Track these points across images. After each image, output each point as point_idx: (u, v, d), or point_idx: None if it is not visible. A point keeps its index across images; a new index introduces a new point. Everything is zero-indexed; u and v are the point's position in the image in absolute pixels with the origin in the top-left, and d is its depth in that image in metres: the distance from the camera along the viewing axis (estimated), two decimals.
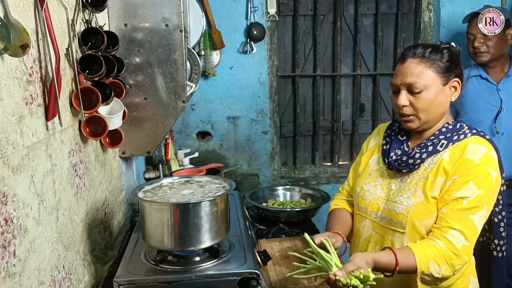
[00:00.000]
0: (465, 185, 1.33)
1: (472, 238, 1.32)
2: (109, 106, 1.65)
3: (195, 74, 2.34)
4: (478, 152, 1.35)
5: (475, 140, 1.38)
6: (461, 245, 1.30)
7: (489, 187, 1.34)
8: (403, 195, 1.42)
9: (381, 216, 1.47)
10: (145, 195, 1.44)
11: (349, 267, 1.24)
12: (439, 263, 1.30)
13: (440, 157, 1.40)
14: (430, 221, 1.38)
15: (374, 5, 3.24)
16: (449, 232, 1.31)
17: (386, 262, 1.29)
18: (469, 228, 1.31)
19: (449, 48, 1.42)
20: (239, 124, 3.15)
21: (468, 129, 1.43)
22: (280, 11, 3.15)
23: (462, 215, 1.32)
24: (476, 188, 1.32)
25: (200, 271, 1.36)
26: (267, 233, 2.16)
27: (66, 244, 1.35)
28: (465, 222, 1.31)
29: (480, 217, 1.34)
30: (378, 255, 1.31)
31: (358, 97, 3.35)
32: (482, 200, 1.33)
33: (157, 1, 1.83)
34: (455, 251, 1.30)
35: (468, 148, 1.36)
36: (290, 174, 3.35)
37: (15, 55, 0.99)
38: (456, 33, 3.15)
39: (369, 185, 1.53)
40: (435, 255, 1.30)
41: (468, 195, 1.32)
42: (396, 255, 1.30)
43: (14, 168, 1.03)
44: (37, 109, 1.17)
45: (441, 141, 1.42)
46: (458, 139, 1.40)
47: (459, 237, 1.30)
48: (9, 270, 0.99)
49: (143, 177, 2.54)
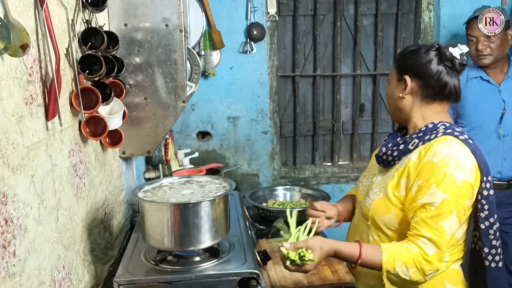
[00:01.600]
0: (428, 190, 1.30)
1: (443, 245, 1.30)
2: (109, 106, 1.65)
3: (195, 74, 2.34)
4: (439, 153, 1.31)
5: (441, 140, 1.35)
6: (432, 252, 1.29)
7: (455, 191, 1.29)
8: (374, 190, 1.48)
9: (361, 207, 1.54)
10: (145, 195, 1.44)
11: (299, 244, 1.33)
12: (407, 264, 1.30)
13: (409, 158, 1.39)
14: (388, 218, 1.41)
15: (374, 5, 3.24)
16: (420, 239, 1.30)
17: (348, 253, 1.35)
18: (440, 235, 1.29)
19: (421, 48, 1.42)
20: (239, 124, 3.15)
21: (444, 129, 1.38)
22: (280, 11, 3.15)
23: (432, 223, 1.30)
24: (441, 193, 1.29)
25: (200, 271, 1.36)
26: (267, 233, 2.16)
27: (66, 244, 1.35)
28: (435, 229, 1.29)
29: (451, 223, 1.30)
30: (341, 245, 1.36)
31: (358, 97, 3.35)
32: (450, 205, 1.29)
33: (157, 1, 1.83)
34: (426, 257, 1.29)
35: (431, 149, 1.34)
36: (290, 174, 3.35)
37: (15, 55, 0.99)
38: (456, 33, 3.15)
39: (364, 177, 1.62)
40: (404, 257, 1.30)
41: (434, 200, 1.29)
42: (361, 248, 1.33)
43: (14, 168, 1.03)
44: (37, 109, 1.17)
45: (413, 140, 1.41)
46: (429, 139, 1.38)
47: (430, 244, 1.29)
48: (9, 270, 0.99)
49: (143, 177, 2.54)
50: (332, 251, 1.34)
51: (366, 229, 1.49)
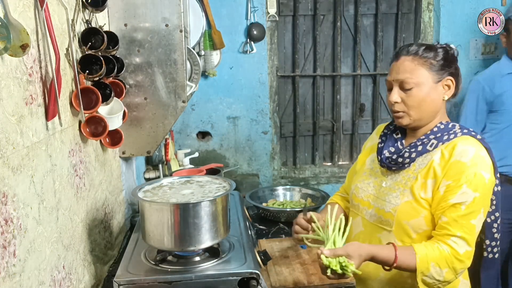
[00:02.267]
0: (459, 189, 1.31)
1: (473, 243, 1.32)
2: (109, 106, 1.65)
3: (195, 74, 2.34)
4: (467, 153, 1.33)
5: (464, 140, 1.36)
6: (463, 251, 1.30)
7: (483, 189, 1.32)
8: (392, 194, 1.43)
9: (371, 213, 1.48)
10: (145, 195, 1.44)
11: (339, 251, 1.28)
12: (440, 265, 1.29)
13: (431, 158, 1.38)
14: (416, 221, 1.38)
15: (374, 5, 3.23)
16: (451, 238, 1.31)
17: (384, 257, 1.31)
18: (471, 233, 1.31)
19: (444, 48, 1.42)
20: (239, 124, 3.15)
21: (459, 129, 1.41)
22: (280, 11, 3.15)
23: (463, 221, 1.31)
24: (472, 191, 1.31)
25: (200, 271, 1.36)
26: (267, 233, 2.16)
27: (66, 244, 1.35)
28: (467, 227, 1.31)
29: (479, 220, 1.33)
30: (377, 248, 1.33)
31: (358, 97, 3.35)
32: (480, 203, 1.32)
33: (157, 1, 1.83)
34: (458, 256, 1.29)
35: (456, 149, 1.35)
36: (290, 174, 3.35)
37: (15, 55, 0.99)
38: (456, 33, 3.16)
39: (363, 182, 1.55)
40: (437, 257, 1.30)
41: (465, 199, 1.30)
42: (396, 251, 1.31)
43: (14, 168, 1.03)
44: (37, 109, 1.17)
45: (431, 141, 1.40)
46: (448, 139, 1.38)
47: (462, 243, 1.30)
48: (9, 270, 0.99)
49: (143, 177, 2.54)
50: (369, 256, 1.31)
51: (387, 235, 1.43)
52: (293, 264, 1.74)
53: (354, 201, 1.56)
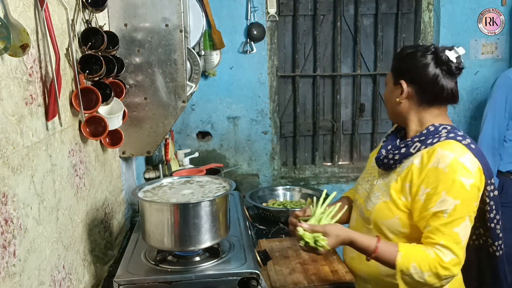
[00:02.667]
0: (438, 197, 1.29)
1: (459, 251, 1.29)
2: (109, 106, 1.64)
3: (195, 74, 2.34)
4: (445, 159, 1.30)
5: (445, 145, 1.33)
6: (448, 259, 1.28)
7: (465, 196, 1.29)
8: (376, 193, 1.46)
9: (361, 210, 1.52)
10: (145, 195, 1.44)
11: (317, 227, 1.36)
12: (422, 267, 1.29)
13: (412, 162, 1.37)
14: (391, 221, 1.40)
15: (374, 5, 3.24)
16: (435, 246, 1.30)
17: (364, 244, 1.34)
18: (455, 242, 1.29)
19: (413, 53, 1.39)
20: (239, 124, 3.15)
21: (446, 132, 1.36)
22: (280, 11, 3.15)
23: (445, 230, 1.29)
24: (452, 199, 1.28)
25: (200, 271, 1.36)
26: (267, 233, 2.16)
27: (66, 244, 1.35)
28: (450, 236, 1.28)
29: (464, 228, 1.30)
30: (358, 235, 1.36)
31: (358, 97, 3.35)
32: (462, 211, 1.29)
33: (157, 1, 1.83)
34: (442, 263, 1.28)
35: (435, 154, 1.32)
36: (290, 174, 3.35)
37: (15, 55, 0.99)
38: (456, 33, 3.16)
39: (363, 180, 1.60)
40: (420, 259, 1.29)
41: (446, 207, 1.28)
42: (378, 242, 1.33)
43: (14, 168, 1.03)
44: (37, 109, 1.17)
45: (415, 144, 1.39)
46: (431, 143, 1.35)
47: (446, 251, 1.28)
48: (9, 270, 0.99)
49: (143, 177, 2.54)
50: (348, 239, 1.35)
51: (367, 232, 1.47)
52: (293, 264, 1.75)
53: (355, 196, 1.62)
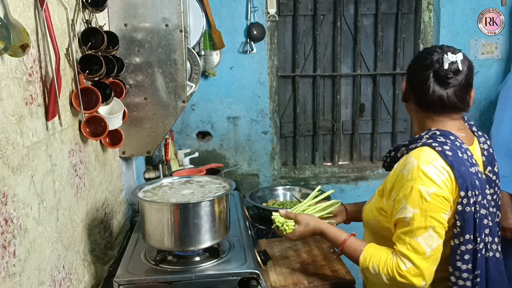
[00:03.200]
0: (400, 205, 1.28)
1: (420, 261, 1.25)
2: (109, 106, 1.64)
3: (195, 74, 2.34)
4: (409, 165, 1.28)
5: (416, 152, 1.30)
6: (406, 267, 1.27)
7: (423, 206, 1.24)
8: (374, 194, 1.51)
9: None
10: (145, 195, 1.44)
11: (290, 214, 1.54)
12: (380, 269, 1.31)
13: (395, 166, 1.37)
14: (372, 223, 1.45)
15: (374, 5, 3.23)
16: (397, 254, 1.30)
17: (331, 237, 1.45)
18: (414, 251, 1.26)
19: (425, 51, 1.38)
20: (239, 124, 3.15)
21: (427, 138, 1.33)
22: (280, 11, 3.15)
23: (406, 238, 1.27)
24: (411, 208, 1.26)
25: (200, 271, 1.36)
26: (267, 233, 2.16)
27: (66, 244, 1.35)
28: (410, 245, 1.26)
29: (428, 239, 1.25)
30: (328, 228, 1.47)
31: (358, 97, 3.35)
32: (422, 221, 1.25)
33: (157, 1, 1.83)
34: (399, 270, 1.27)
35: (406, 160, 1.30)
36: (290, 174, 3.35)
37: (15, 55, 0.99)
38: (456, 33, 3.15)
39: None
40: (380, 260, 1.32)
41: (405, 215, 1.27)
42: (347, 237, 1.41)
43: (14, 168, 1.03)
44: (37, 109, 1.17)
45: (401, 148, 1.41)
46: (412, 148, 1.33)
47: (404, 259, 1.27)
48: (9, 270, 0.99)
49: (143, 177, 2.54)
50: (319, 230, 1.47)
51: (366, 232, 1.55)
52: (293, 264, 1.75)
53: None
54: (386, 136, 3.46)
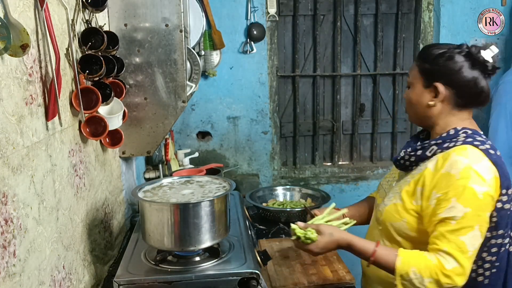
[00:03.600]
0: (448, 203, 1.26)
1: (464, 260, 1.25)
2: (109, 106, 1.64)
3: (195, 74, 2.34)
4: (458, 165, 1.26)
5: (460, 150, 1.29)
6: (451, 267, 1.25)
7: (476, 204, 1.25)
8: (390, 194, 1.46)
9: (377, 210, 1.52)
10: (145, 195, 1.44)
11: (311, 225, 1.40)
12: (422, 273, 1.26)
13: (426, 166, 1.34)
14: (398, 224, 1.38)
15: (374, 5, 3.24)
16: (438, 253, 1.27)
17: (360, 248, 1.34)
18: (460, 250, 1.25)
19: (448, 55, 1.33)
20: (239, 124, 3.15)
21: (465, 137, 1.32)
22: (280, 11, 3.15)
23: (451, 237, 1.26)
24: (462, 207, 1.25)
25: (200, 271, 1.36)
26: (267, 233, 2.16)
27: (66, 244, 1.35)
28: (455, 243, 1.25)
29: (473, 238, 1.26)
30: (355, 239, 1.36)
31: (358, 97, 3.35)
32: (472, 219, 1.25)
33: (157, 1, 1.83)
34: (443, 270, 1.25)
35: (448, 160, 1.29)
36: (290, 174, 3.35)
37: (15, 55, 0.99)
38: (456, 33, 3.15)
39: (385, 180, 1.59)
40: (420, 264, 1.27)
41: (454, 214, 1.25)
42: (377, 246, 1.32)
43: (14, 168, 1.03)
44: (37, 109, 1.17)
45: (431, 147, 1.35)
46: (448, 147, 1.32)
47: (449, 258, 1.25)
48: (9, 270, 0.99)
49: (143, 177, 2.54)
50: (345, 242, 1.33)
51: (378, 234, 1.46)
52: (293, 264, 1.75)
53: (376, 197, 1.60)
54: (386, 136, 3.46)
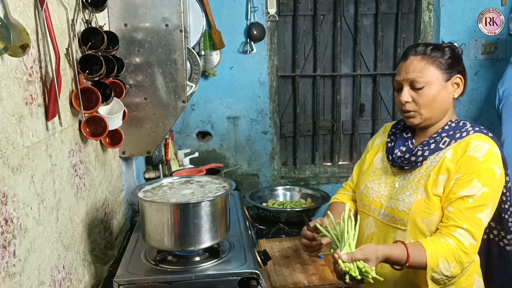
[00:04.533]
0: (469, 184, 1.33)
1: (479, 237, 1.33)
2: (109, 106, 1.64)
3: (195, 74, 2.34)
4: (481, 149, 1.35)
5: (478, 137, 1.38)
6: (469, 243, 1.30)
7: (493, 184, 1.34)
8: (405, 193, 1.42)
9: (384, 213, 1.47)
10: (145, 195, 1.44)
11: (357, 255, 1.24)
12: (448, 260, 1.29)
13: (443, 155, 1.40)
14: (431, 219, 1.38)
15: (374, 5, 3.24)
16: (456, 231, 1.31)
17: (397, 257, 1.30)
18: (476, 227, 1.31)
19: (450, 47, 1.43)
20: (239, 124, 3.15)
21: (471, 126, 1.43)
22: (280, 11, 3.15)
23: (469, 214, 1.32)
24: (481, 186, 1.32)
25: (200, 271, 1.36)
26: (267, 233, 2.16)
27: (66, 244, 1.35)
28: (473, 220, 1.31)
29: (487, 215, 1.34)
30: (390, 250, 1.30)
31: (358, 97, 3.35)
32: (488, 198, 1.33)
33: (157, 1, 1.83)
34: (464, 248, 1.30)
35: (470, 145, 1.36)
36: (290, 174, 3.35)
37: (15, 55, 0.99)
38: (456, 33, 3.16)
39: (373, 183, 1.54)
40: (444, 252, 1.30)
41: (474, 193, 1.32)
42: (408, 250, 1.30)
43: (14, 168, 1.03)
44: (37, 109, 1.17)
45: (443, 139, 1.42)
46: (461, 137, 1.40)
47: (467, 235, 1.30)
48: (9, 270, 0.99)
49: (143, 177, 2.54)
50: (385, 257, 1.29)
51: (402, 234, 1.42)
52: (293, 264, 1.75)
53: (364, 201, 1.55)
54: None
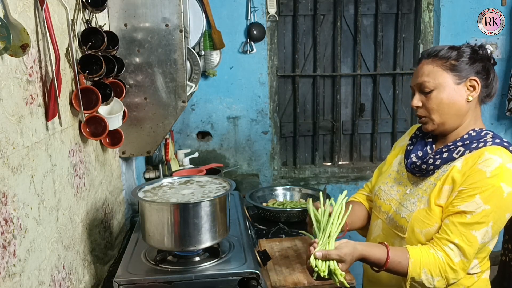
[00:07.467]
0: (471, 198, 1.25)
1: (471, 254, 1.26)
2: (109, 106, 1.65)
3: (195, 74, 2.34)
4: (491, 163, 1.25)
5: (493, 150, 1.28)
6: (458, 260, 1.25)
7: (498, 203, 1.24)
8: (411, 200, 1.39)
9: (390, 217, 1.45)
10: (145, 195, 1.44)
11: (332, 255, 1.22)
12: (432, 273, 1.26)
13: (453, 165, 1.33)
14: (430, 230, 1.33)
15: (374, 5, 3.24)
16: (448, 245, 1.26)
17: (376, 259, 1.28)
18: (470, 244, 1.25)
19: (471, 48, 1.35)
20: (239, 124, 3.15)
21: (492, 138, 1.32)
22: (280, 11, 3.15)
23: (464, 230, 1.25)
24: (482, 203, 1.24)
25: (200, 271, 1.36)
26: (267, 233, 2.16)
27: (66, 244, 1.35)
28: (466, 237, 1.25)
29: (484, 234, 1.26)
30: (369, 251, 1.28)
31: (358, 97, 3.35)
32: (488, 216, 1.24)
33: (157, 1, 1.83)
34: (452, 264, 1.25)
35: (482, 157, 1.27)
36: (290, 174, 3.35)
37: (15, 55, 0.99)
38: (456, 33, 3.16)
39: (386, 185, 1.52)
40: (430, 264, 1.26)
41: (473, 209, 1.24)
42: (388, 253, 1.27)
43: (14, 168, 1.03)
44: (37, 109, 1.17)
45: (458, 148, 1.34)
46: (476, 147, 1.31)
47: (457, 251, 1.25)
48: (9, 270, 0.99)
49: (143, 177, 2.54)
50: (361, 257, 1.28)
51: (400, 242, 1.40)
52: (293, 264, 1.75)
53: (376, 202, 1.53)
54: (386, 136, 3.46)
